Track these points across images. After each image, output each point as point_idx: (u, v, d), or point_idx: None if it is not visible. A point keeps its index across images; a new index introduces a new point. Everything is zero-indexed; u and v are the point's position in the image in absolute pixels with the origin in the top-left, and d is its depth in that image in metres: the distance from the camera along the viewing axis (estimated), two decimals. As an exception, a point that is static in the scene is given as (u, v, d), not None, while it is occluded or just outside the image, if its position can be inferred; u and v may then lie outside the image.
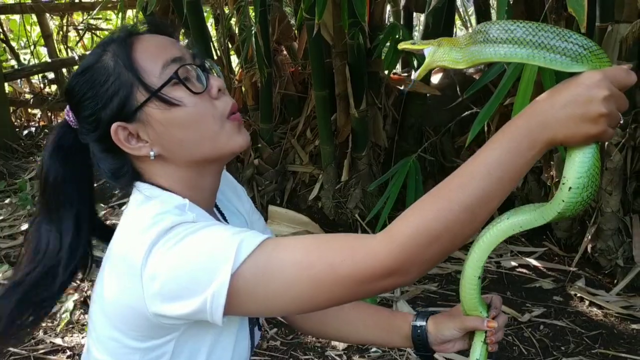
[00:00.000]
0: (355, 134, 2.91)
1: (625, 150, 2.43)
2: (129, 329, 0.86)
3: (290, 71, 3.27)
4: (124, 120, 0.87)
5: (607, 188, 2.47)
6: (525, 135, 0.73)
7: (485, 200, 0.74)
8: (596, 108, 0.71)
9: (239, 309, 0.80)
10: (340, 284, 0.77)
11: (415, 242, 0.74)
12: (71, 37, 4.44)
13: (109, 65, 0.87)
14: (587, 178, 0.76)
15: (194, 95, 0.86)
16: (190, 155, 0.89)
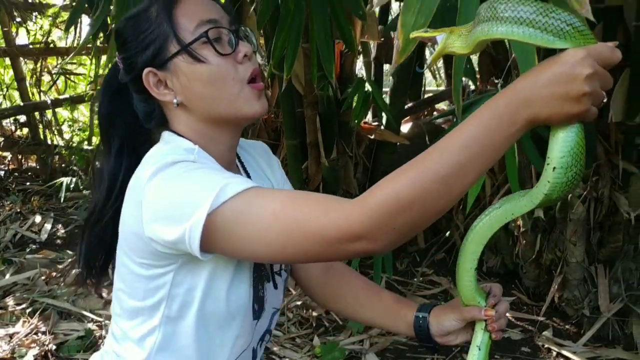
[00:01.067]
0: (326, 183, 2.93)
1: (588, 202, 2.50)
2: (135, 255, 0.92)
3: (263, 119, 3.31)
4: (156, 67, 0.94)
5: (572, 239, 2.52)
6: (506, 112, 0.72)
7: (460, 173, 0.73)
8: (579, 86, 0.69)
9: (215, 245, 0.84)
10: (310, 239, 0.79)
11: (385, 208, 0.74)
12: (44, 81, 4.43)
13: (152, 15, 0.94)
14: (571, 157, 0.75)
15: (219, 56, 0.92)
16: (208, 110, 0.95)
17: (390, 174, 0.76)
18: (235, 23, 0.97)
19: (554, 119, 0.72)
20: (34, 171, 4.48)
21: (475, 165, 0.73)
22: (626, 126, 2.43)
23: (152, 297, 0.93)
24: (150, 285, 0.93)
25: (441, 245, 3.26)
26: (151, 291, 0.93)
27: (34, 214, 3.71)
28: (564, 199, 0.80)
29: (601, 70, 0.70)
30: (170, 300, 0.93)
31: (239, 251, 0.85)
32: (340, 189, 3.06)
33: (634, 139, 2.46)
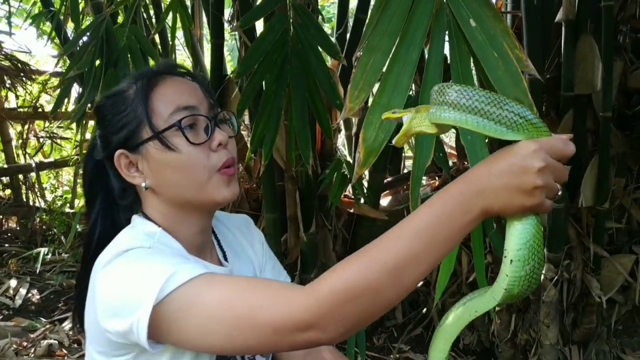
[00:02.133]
0: (305, 256, 2.95)
1: (561, 284, 2.53)
2: (95, 342, 0.93)
3: (244, 187, 3.35)
4: (128, 150, 0.96)
5: (545, 321, 2.54)
6: (459, 202, 0.71)
7: (411, 262, 0.71)
8: (531, 179, 0.69)
9: (163, 336, 0.83)
10: (257, 328, 0.77)
11: (333, 298, 0.72)
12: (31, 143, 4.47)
13: (130, 97, 0.96)
14: (527, 250, 0.73)
15: (191, 145, 0.93)
16: (176, 195, 0.97)
17: (341, 261, 0.75)
18: (215, 107, 0.99)
19: (508, 211, 0.71)
20: (13, 232, 4.45)
21: (428, 255, 0.72)
22: (596, 210, 2.50)
23: None
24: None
25: (419, 320, 3.25)
26: None
27: (9, 278, 3.66)
28: (527, 295, 0.79)
29: (554, 163, 0.70)
30: None
31: (187, 342, 0.83)
32: (319, 261, 3.07)
33: (604, 222, 2.53)
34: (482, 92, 0.74)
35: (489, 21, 1.12)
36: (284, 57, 1.88)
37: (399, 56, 1.13)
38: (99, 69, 1.75)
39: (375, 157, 1.08)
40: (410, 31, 1.14)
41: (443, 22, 1.14)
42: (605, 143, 2.42)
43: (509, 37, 1.14)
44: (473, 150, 1.13)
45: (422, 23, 1.14)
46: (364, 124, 1.08)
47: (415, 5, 1.16)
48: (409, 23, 1.14)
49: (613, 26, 2.44)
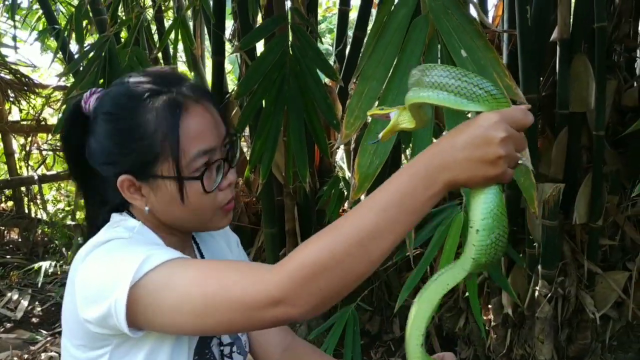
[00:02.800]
0: (303, 270, 2.98)
1: (555, 300, 2.56)
2: (73, 337, 0.92)
3: (244, 201, 3.39)
4: (135, 175, 0.91)
5: (539, 336, 2.56)
6: (423, 176, 0.72)
7: (377, 236, 0.72)
8: (494, 150, 0.70)
9: (141, 320, 0.83)
10: (230, 306, 0.78)
11: (302, 272, 0.73)
12: (33, 156, 4.52)
13: (151, 121, 0.89)
14: (492, 219, 0.75)
15: (204, 192, 0.91)
16: (174, 222, 0.96)
17: (310, 237, 0.76)
18: (225, 138, 0.96)
19: (472, 182, 0.73)
20: (15, 244, 4.48)
21: (393, 228, 0.73)
22: (590, 227, 2.53)
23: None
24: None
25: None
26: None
27: (11, 290, 3.69)
28: (494, 263, 0.80)
29: (515, 133, 0.71)
30: None
31: (163, 323, 0.84)
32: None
33: (597, 239, 2.57)
34: (446, 67, 0.76)
35: (480, 51, 1.17)
36: (283, 78, 1.93)
37: (393, 85, 1.17)
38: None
39: (371, 182, 1.12)
40: (404, 60, 1.18)
41: (435, 52, 1.19)
42: (599, 161, 2.46)
43: (499, 66, 1.19)
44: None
45: (415, 53, 1.19)
46: (359, 151, 1.12)
47: (408, 35, 1.20)
48: (402, 53, 1.19)
49: (606, 47, 2.49)
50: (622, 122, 2.73)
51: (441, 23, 1.18)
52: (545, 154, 2.66)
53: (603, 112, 2.41)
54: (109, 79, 1.79)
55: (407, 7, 1.22)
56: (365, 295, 2.88)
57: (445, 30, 1.18)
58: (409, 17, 1.22)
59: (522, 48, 2.37)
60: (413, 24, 1.20)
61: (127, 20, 2.14)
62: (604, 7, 2.36)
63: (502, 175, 0.72)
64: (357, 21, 2.84)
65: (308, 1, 2.43)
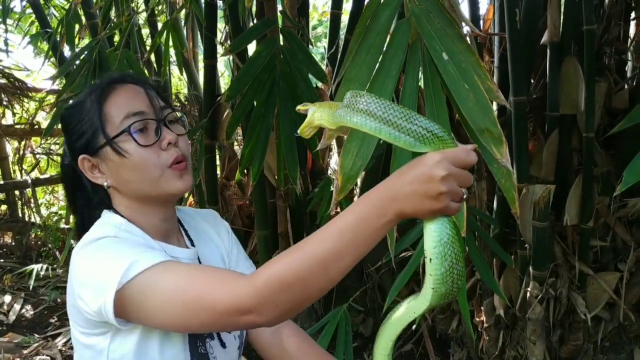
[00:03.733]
0: (296, 273, 2.98)
1: (547, 302, 2.56)
2: (77, 324, 1.04)
3: (237, 204, 3.39)
4: (89, 154, 1.07)
5: (531, 338, 2.57)
6: (376, 206, 0.80)
7: (336, 257, 0.81)
8: (436, 187, 0.77)
9: (128, 315, 0.95)
10: (204, 311, 0.88)
11: (269, 286, 0.83)
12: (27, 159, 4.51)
13: (86, 107, 1.07)
14: (443, 247, 0.80)
15: (141, 147, 1.04)
16: (134, 191, 1.08)
17: (278, 255, 0.86)
18: (165, 109, 1.10)
19: (419, 214, 0.80)
20: (8, 248, 4.47)
21: (350, 251, 0.81)
22: (581, 228, 2.54)
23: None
24: (93, 352, 1.04)
25: (409, 336, 3.28)
26: (94, 358, 1.04)
27: (4, 294, 3.69)
28: (455, 292, 0.82)
29: (456, 171, 0.78)
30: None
31: (148, 321, 0.96)
32: (310, 278, 3.11)
33: (588, 240, 2.57)
34: (396, 106, 0.82)
35: (461, 54, 1.18)
36: (273, 80, 1.94)
37: (376, 87, 1.18)
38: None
39: (353, 183, 1.13)
40: (386, 63, 1.19)
41: (417, 56, 1.19)
42: (589, 163, 2.47)
43: (480, 69, 1.19)
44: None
45: (397, 55, 1.19)
46: (341, 152, 1.12)
47: (391, 38, 1.21)
48: (385, 55, 1.20)
49: (595, 49, 2.50)
50: (613, 124, 2.74)
51: (423, 26, 1.19)
52: (536, 156, 2.67)
53: (593, 114, 2.42)
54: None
55: (390, 9, 1.23)
56: (358, 297, 2.89)
57: (427, 34, 1.18)
58: (391, 19, 1.22)
59: (511, 51, 2.39)
60: (396, 27, 1.21)
61: (118, 23, 2.14)
62: (592, 11, 2.37)
63: (446, 209, 0.79)
64: (349, 24, 2.85)
65: (299, 5, 2.43)
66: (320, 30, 6.74)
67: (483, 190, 2.60)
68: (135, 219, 1.09)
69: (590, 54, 2.36)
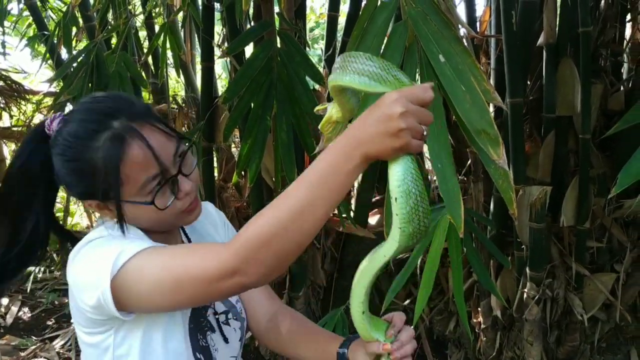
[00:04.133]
0: (293, 274, 2.98)
1: (544, 302, 2.57)
2: (81, 325, 1.07)
3: (235, 206, 3.39)
4: (98, 199, 1.03)
5: (528, 339, 2.58)
6: (342, 153, 0.83)
7: (309, 208, 0.84)
8: (395, 124, 0.79)
9: (128, 305, 0.97)
10: (192, 283, 0.91)
11: (248, 246, 0.85)
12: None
13: (97, 165, 0.98)
14: (406, 185, 0.82)
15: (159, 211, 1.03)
16: (146, 227, 1.07)
17: (254, 216, 0.88)
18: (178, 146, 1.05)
19: (383, 154, 0.82)
20: (6, 250, 4.45)
21: (322, 200, 0.84)
22: (578, 230, 2.55)
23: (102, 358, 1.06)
24: (98, 350, 1.07)
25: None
26: (100, 356, 1.07)
27: (1, 296, 3.68)
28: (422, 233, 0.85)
29: (414, 108, 0.80)
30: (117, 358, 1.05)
31: (145, 304, 0.98)
32: (308, 279, 3.11)
33: (585, 242, 2.58)
34: (361, 55, 0.85)
35: (458, 56, 1.19)
36: (270, 83, 1.94)
37: (373, 89, 1.18)
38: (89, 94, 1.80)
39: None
40: (383, 65, 1.19)
41: (415, 58, 1.20)
42: (586, 164, 2.48)
43: (477, 70, 1.20)
44: (444, 177, 1.19)
45: (395, 58, 1.20)
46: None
47: (388, 40, 1.22)
48: (382, 57, 1.20)
49: (591, 51, 2.51)
50: (609, 125, 2.75)
51: (420, 29, 1.20)
52: (533, 158, 2.68)
53: (589, 115, 2.43)
54: (97, 84, 1.80)
55: (387, 12, 1.24)
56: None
57: (424, 36, 1.19)
58: (388, 22, 1.23)
59: (507, 53, 2.40)
60: (393, 29, 1.22)
61: (115, 26, 2.14)
62: (588, 13, 2.38)
63: (407, 146, 0.81)
64: (346, 26, 2.85)
65: (296, 7, 2.44)
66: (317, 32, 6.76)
67: (480, 192, 2.61)
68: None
69: (586, 56, 2.37)
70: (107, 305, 0.96)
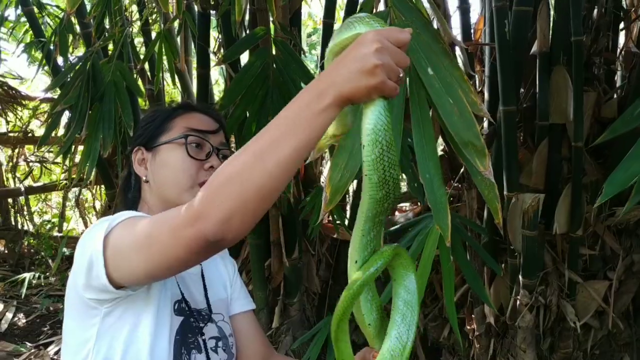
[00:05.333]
0: (288, 281, 2.99)
1: (537, 310, 2.58)
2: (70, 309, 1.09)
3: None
4: (145, 148, 1.24)
5: (522, 346, 2.59)
6: (314, 93, 0.79)
7: (272, 147, 0.79)
8: (370, 60, 0.76)
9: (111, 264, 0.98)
10: (161, 233, 0.90)
11: (208, 186, 0.83)
12: (20, 168, 4.51)
13: (159, 114, 1.26)
14: (375, 134, 0.79)
15: (188, 156, 1.18)
16: (162, 192, 1.20)
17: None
18: (224, 145, 1.24)
19: (357, 94, 0.79)
20: (1, 256, 4.46)
21: (288, 138, 0.79)
22: (570, 237, 2.56)
23: (81, 352, 1.07)
24: (80, 338, 1.07)
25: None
26: (80, 345, 1.07)
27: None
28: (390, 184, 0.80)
29: (390, 46, 0.79)
30: (96, 352, 1.06)
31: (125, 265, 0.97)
32: (303, 285, 3.12)
33: (578, 249, 2.59)
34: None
35: (446, 69, 1.20)
36: (266, 90, 1.96)
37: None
38: (85, 104, 1.81)
39: (341, 195, 1.15)
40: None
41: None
42: (578, 172, 2.49)
43: (465, 83, 1.21)
44: (432, 187, 1.20)
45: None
46: (330, 165, 1.14)
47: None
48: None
49: (584, 59, 2.53)
50: (602, 133, 2.76)
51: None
52: (526, 165, 2.69)
53: (581, 123, 2.45)
54: (93, 94, 1.81)
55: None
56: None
57: (412, 49, 1.20)
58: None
59: (500, 62, 2.41)
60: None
61: (111, 35, 2.15)
62: (581, 22, 2.40)
63: (383, 86, 0.78)
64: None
65: (291, 15, 2.46)
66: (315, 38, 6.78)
67: (473, 199, 2.62)
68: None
69: (579, 64, 2.39)
70: (97, 266, 0.97)
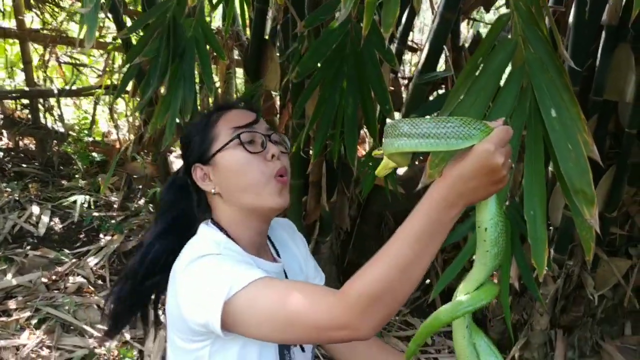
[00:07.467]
0: (323, 221, 3.10)
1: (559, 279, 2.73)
2: (179, 331, 1.12)
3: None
4: (202, 163, 1.19)
5: (540, 310, 2.76)
6: (444, 206, 0.87)
7: (416, 261, 0.89)
8: (500, 173, 0.86)
9: (232, 328, 1.02)
10: (303, 327, 0.97)
11: (361, 302, 0.89)
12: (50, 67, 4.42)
13: (201, 126, 1.21)
14: (498, 217, 0.92)
15: (249, 153, 1.15)
16: (238, 199, 1.16)
17: (362, 268, 0.93)
18: (270, 130, 1.21)
19: (484, 199, 0.90)
20: (30, 153, 4.50)
21: (427, 251, 0.89)
22: (605, 217, 2.65)
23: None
24: (191, 357, 1.12)
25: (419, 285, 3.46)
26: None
27: (31, 203, 3.76)
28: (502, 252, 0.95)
29: (506, 150, 0.87)
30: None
31: (250, 333, 1.04)
32: (334, 223, 3.23)
33: (609, 228, 2.69)
34: (425, 119, 0.89)
35: (566, 108, 1.20)
36: (342, 59, 1.93)
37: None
38: (165, 60, 1.78)
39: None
40: (494, 111, 1.22)
41: (525, 105, 1.23)
42: (626, 157, 2.52)
43: (580, 122, 1.23)
44: (534, 225, 1.26)
45: (507, 103, 1.22)
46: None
47: (504, 85, 1.23)
48: (495, 102, 1.23)
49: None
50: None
51: (535, 77, 1.21)
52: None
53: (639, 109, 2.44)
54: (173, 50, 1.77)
55: (504, 54, 1.24)
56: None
57: (537, 85, 1.20)
58: (505, 65, 1.24)
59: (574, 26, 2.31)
60: (509, 74, 1.23)
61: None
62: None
63: (504, 184, 0.89)
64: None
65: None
66: None
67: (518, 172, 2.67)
68: (234, 230, 1.17)
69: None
70: (214, 327, 1.01)
